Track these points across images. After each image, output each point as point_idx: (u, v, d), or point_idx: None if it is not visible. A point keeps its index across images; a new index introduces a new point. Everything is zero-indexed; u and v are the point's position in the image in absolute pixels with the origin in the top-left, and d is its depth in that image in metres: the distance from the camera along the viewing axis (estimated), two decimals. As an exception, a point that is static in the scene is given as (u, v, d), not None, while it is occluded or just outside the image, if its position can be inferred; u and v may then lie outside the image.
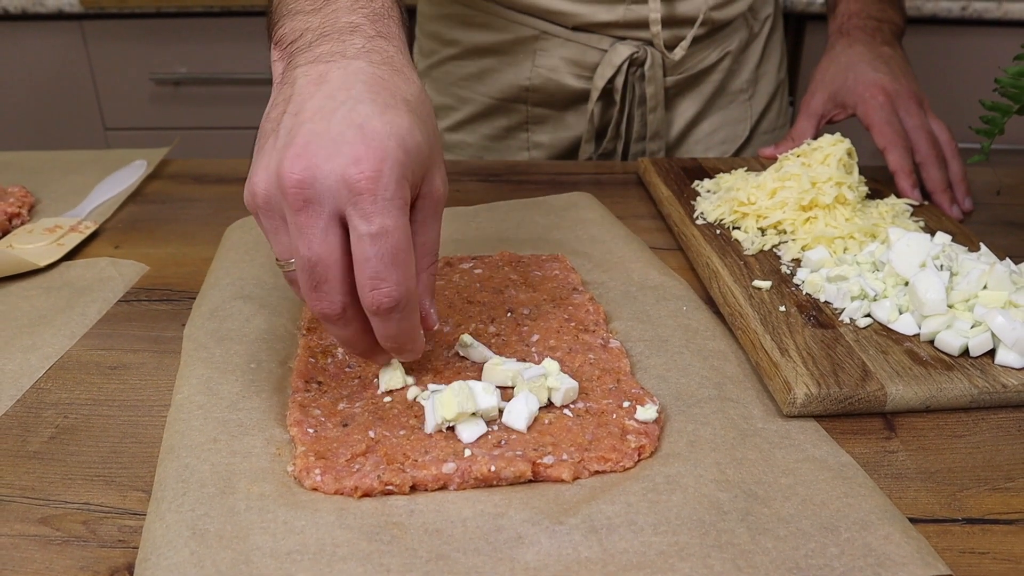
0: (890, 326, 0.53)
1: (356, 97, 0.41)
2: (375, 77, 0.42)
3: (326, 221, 0.40)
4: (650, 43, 0.89)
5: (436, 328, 0.48)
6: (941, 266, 0.55)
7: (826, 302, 0.56)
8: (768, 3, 0.99)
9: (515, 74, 0.94)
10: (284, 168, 0.40)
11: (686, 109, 0.97)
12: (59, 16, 1.68)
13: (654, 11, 0.86)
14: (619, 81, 0.91)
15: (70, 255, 0.68)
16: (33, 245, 0.68)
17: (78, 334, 0.56)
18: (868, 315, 0.55)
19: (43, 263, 0.65)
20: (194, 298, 0.60)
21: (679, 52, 0.88)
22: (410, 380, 0.48)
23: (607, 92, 0.92)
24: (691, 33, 0.88)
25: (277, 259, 0.44)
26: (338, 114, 0.41)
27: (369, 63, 0.43)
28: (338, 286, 0.42)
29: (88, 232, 0.71)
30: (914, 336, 0.52)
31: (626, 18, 0.88)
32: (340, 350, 0.51)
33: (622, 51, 0.89)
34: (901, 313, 0.54)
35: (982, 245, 0.60)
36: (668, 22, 0.88)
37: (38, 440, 0.46)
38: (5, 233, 0.71)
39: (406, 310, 0.42)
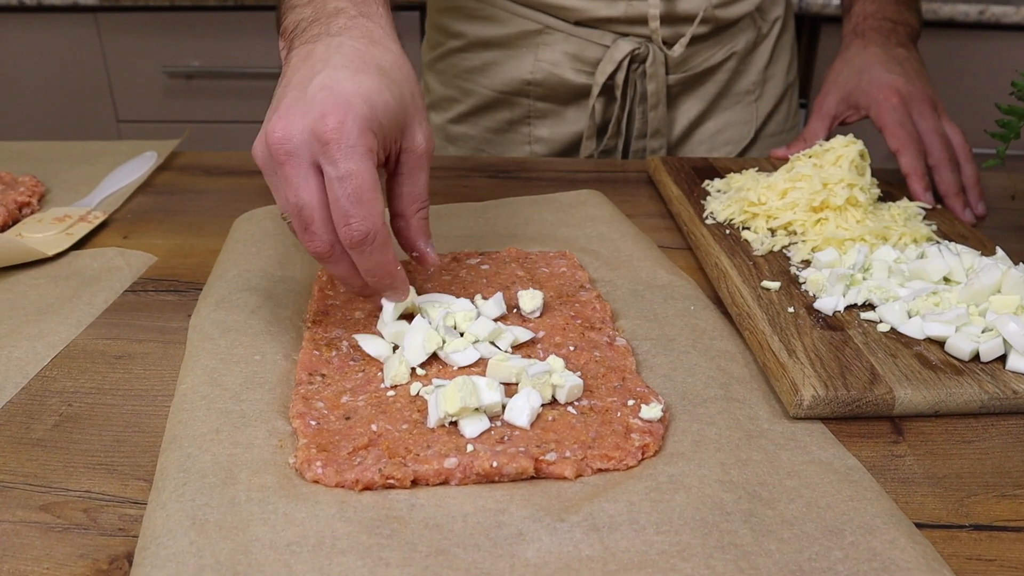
0: (900, 329, 0.53)
1: (332, 65, 0.47)
2: (352, 49, 0.49)
3: (305, 170, 0.46)
4: (651, 40, 0.89)
5: (435, 266, 0.55)
6: None
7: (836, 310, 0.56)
8: (778, 5, 0.98)
9: (518, 68, 0.94)
10: (269, 130, 0.46)
11: (689, 108, 0.96)
12: (74, 8, 1.70)
13: (653, 7, 0.86)
14: (620, 77, 0.90)
15: (79, 244, 0.68)
16: (42, 234, 0.68)
17: (84, 323, 0.56)
18: (869, 304, 0.55)
19: (51, 252, 0.65)
20: (201, 289, 0.60)
21: (678, 49, 0.88)
22: (420, 372, 0.48)
23: (608, 88, 0.92)
24: (690, 30, 0.88)
25: (281, 214, 0.49)
26: (315, 80, 0.47)
27: (349, 37, 0.49)
28: (323, 226, 0.47)
29: (97, 222, 0.71)
30: (924, 340, 0.52)
31: (627, 14, 0.88)
32: (344, 343, 0.51)
33: (623, 47, 0.89)
34: (911, 317, 0.53)
35: (999, 249, 0.59)
36: (669, 19, 0.88)
37: (42, 427, 0.46)
38: (15, 222, 0.71)
39: (376, 244, 0.47)
